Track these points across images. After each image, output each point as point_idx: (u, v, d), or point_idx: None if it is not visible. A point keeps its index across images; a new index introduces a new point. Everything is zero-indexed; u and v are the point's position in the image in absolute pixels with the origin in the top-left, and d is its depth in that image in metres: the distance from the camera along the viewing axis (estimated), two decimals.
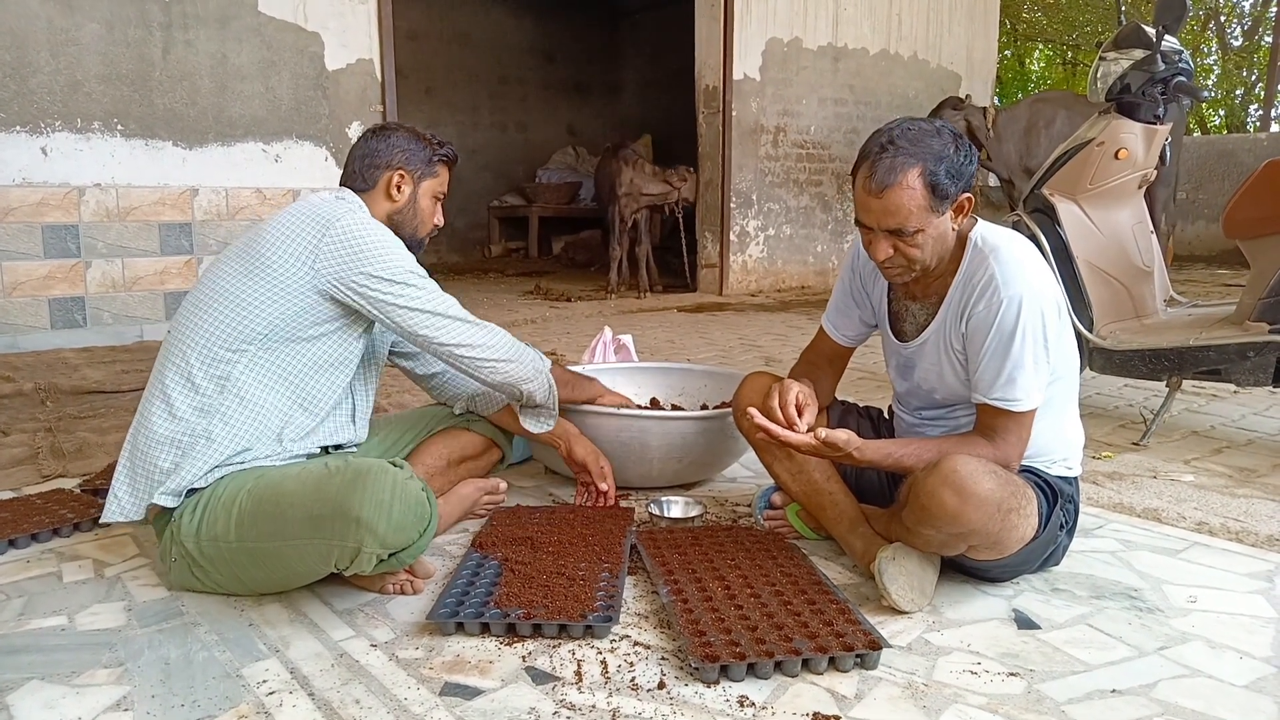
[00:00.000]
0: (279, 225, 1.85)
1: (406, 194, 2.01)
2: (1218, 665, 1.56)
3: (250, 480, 1.75)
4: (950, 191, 1.71)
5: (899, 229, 1.72)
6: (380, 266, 1.85)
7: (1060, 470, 1.90)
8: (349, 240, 1.83)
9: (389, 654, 1.60)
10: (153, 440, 1.79)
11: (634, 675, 1.52)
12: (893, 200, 1.70)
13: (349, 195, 1.97)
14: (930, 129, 1.73)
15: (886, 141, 1.72)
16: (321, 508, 1.61)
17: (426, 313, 1.90)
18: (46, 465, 2.70)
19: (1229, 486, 2.52)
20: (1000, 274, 1.74)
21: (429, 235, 2.10)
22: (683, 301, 7.21)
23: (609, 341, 3.19)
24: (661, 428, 2.37)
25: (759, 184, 7.69)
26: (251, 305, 1.81)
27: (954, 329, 1.83)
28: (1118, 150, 2.99)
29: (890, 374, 2.10)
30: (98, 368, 4.11)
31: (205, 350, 1.81)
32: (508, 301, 7.20)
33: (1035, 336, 1.72)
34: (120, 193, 4.81)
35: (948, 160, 1.70)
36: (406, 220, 2.03)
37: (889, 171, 1.70)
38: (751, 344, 5.14)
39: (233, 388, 1.80)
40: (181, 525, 1.75)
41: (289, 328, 1.84)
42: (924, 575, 1.78)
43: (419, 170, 2.02)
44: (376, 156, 2.00)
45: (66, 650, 1.62)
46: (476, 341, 1.94)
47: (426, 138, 2.04)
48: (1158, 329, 3.07)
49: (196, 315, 1.85)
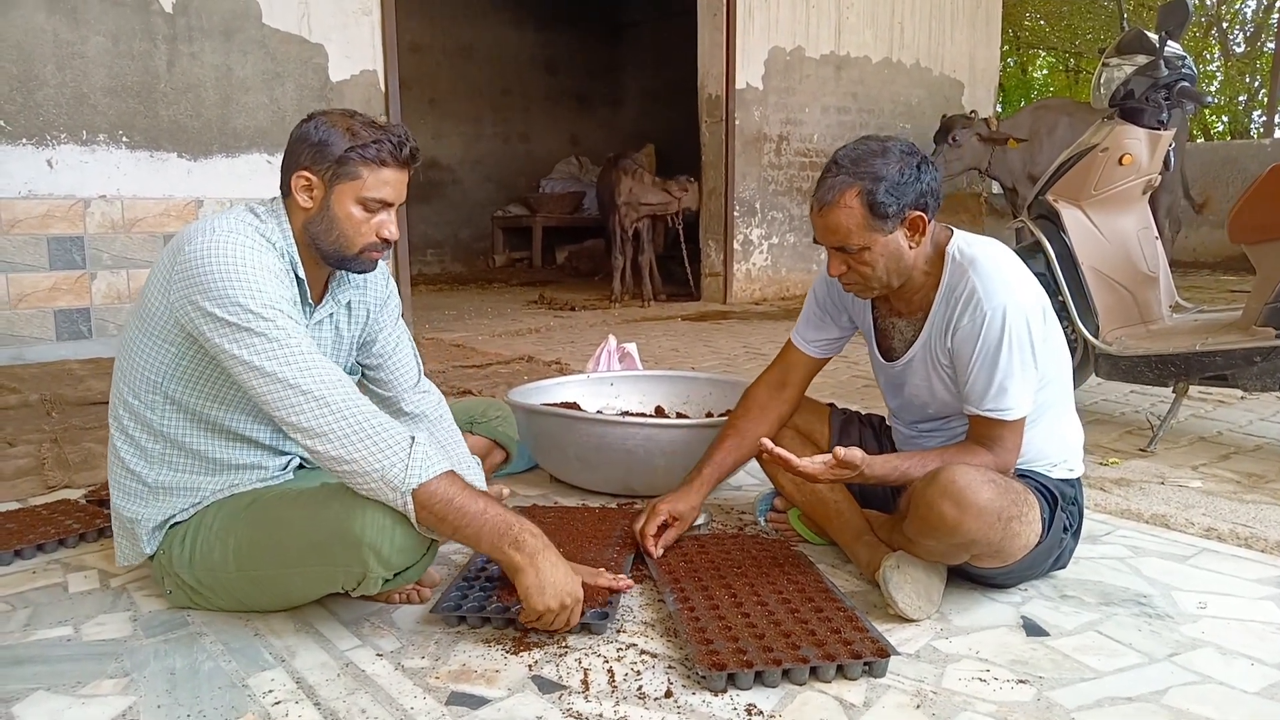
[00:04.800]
0: (160, 255, 1.66)
1: (318, 199, 1.65)
2: (1229, 672, 1.55)
3: (243, 507, 1.71)
4: (890, 210, 1.74)
5: (843, 246, 1.78)
6: (212, 299, 1.52)
7: (1062, 473, 1.89)
8: (190, 265, 1.55)
9: (395, 663, 1.59)
10: (118, 490, 1.76)
11: (641, 684, 1.51)
12: (831, 218, 1.76)
13: (241, 209, 1.69)
14: (877, 148, 1.76)
15: (832, 162, 1.79)
16: (323, 533, 1.58)
17: (257, 370, 1.52)
18: (52, 476, 2.70)
19: (1237, 492, 2.51)
20: (981, 286, 1.74)
21: (368, 252, 1.69)
22: (686, 310, 7.21)
23: (613, 350, 3.19)
24: (667, 435, 2.37)
25: (762, 192, 7.69)
26: (140, 353, 1.66)
27: (939, 343, 1.84)
28: (1122, 156, 2.99)
29: (882, 390, 2.10)
30: (103, 379, 4.11)
31: (125, 401, 1.71)
32: (511, 311, 7.21)
33: (1022, 345, 1.72)
34: (125, 204, 4.82)
35: (887, 180, 1.73)
36: (323, 232, 1.66)
37: (828, 191, 1.76)
38: (756, 352, 5.13)
39: (161, 435, 1.70)
40: (173, 557, 1.73)
41: (182, 371, 1.65)
42: (930, 583, 1.77)
43: (328, 170, 1.63)
44: (289, 154, 1.67)
45: (72, 660, 1.61)
46: (312, 426, 1.52)
47: (352, 129, 1.62)
48: (1164, 334, 3.06)
49: (118, 362, 1.74)
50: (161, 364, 1.66)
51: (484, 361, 4.70)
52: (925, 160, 1.78)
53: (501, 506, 1.61)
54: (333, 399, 1.53)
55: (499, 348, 5.28)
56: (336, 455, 1.53)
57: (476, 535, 1.56)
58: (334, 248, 1.67)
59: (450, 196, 10.98)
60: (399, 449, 1.54)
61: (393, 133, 1.65)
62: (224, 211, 1.67)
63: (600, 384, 2.96)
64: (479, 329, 6.16)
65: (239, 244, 1.57)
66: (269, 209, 1.70)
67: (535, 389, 2.82)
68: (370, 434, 1.53)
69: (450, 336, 5.75)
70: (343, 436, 1.52)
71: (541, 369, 4.50)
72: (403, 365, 1.97)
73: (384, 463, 1.52)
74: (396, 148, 1.65)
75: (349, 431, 1.52)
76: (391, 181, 1.66)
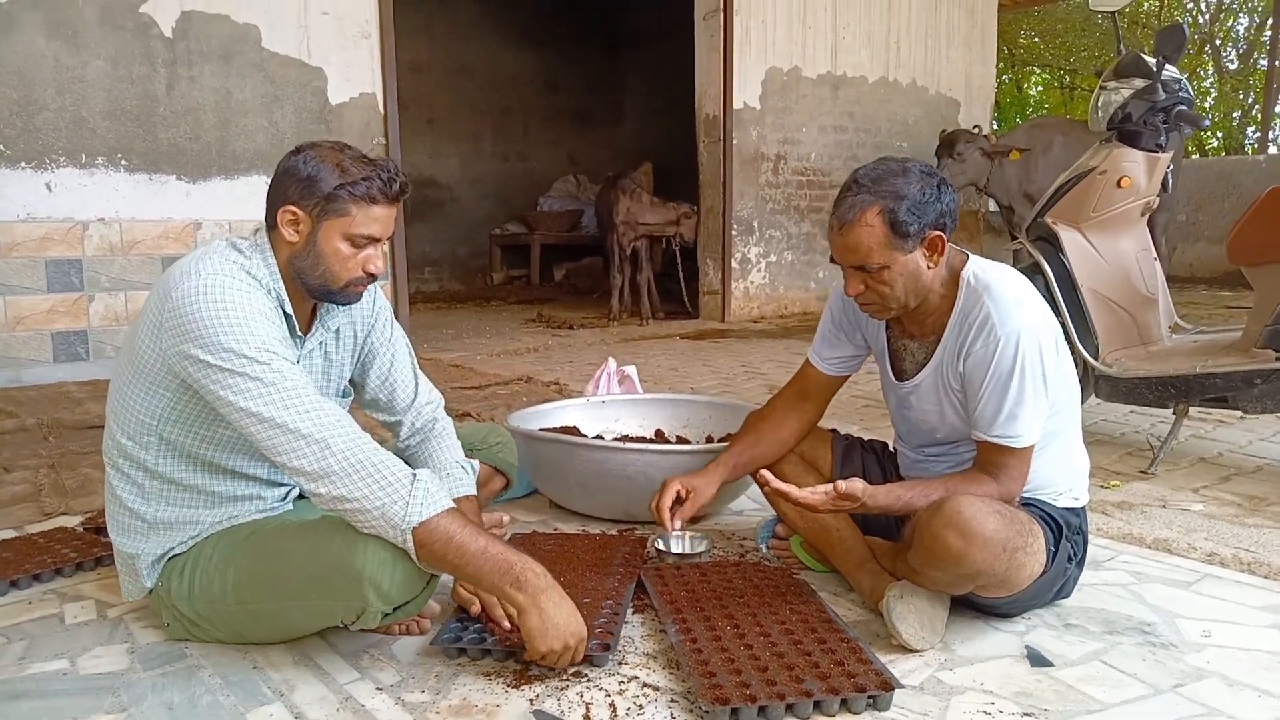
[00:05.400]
0: (149, 298, 1.64)
1: (305, 234, 1.63)
2: (1235, 704, 1.54)
3: (242, 539, 1.70)
4: (911, 230, 1.74)
5: (862, 265, 1.77)
6: (203, 346, 1.51)
7: (1067, 501, 1.89)
8: (179, 312, 1.53)
9: (395, 697, 1.58)
10: (117, 529, 1.75)
11: (643, 719, 1.50)
12: (852, 237, 1.76)
13: (223, 245, 1.66)
14: (897, 168, 1.77)
15: (852, 181, 1.79)
16: (324, 567, 1.57)
17: (254, 415, 1.51)
18: (49, 503, 2.68)
19: (1239, 515, 2.50)
20: (996, 312, 1.74)
21: (353, 286, 1.68)
22: (685, 329, 7.21)
23: (613, 373, 3.19)
24: (668, 462, 2.36)
25: (760, 211, 7.71)
26: (133, 398, 1.65)
27: (951, 368, 1.84)
28: (1120, 179, 3.00)
29: (891, 412, 2.09)
30: (100, 401, 4.09)
31: (119, 444, 1.70)
32: (510, 329, 7.20)
33: (1034, 373, 1.72)
34: (124, 227, 4.82)
35: (909, 199, 1.73)
36: (309, 267, 1.64)
37: (849, 209, 1.76)
38: (755, 371, 5.13)
39: (158, 474, 1.69)
40: (171, 590, 1.73)
41: (177, 415, 1.64)
42: (934, 612, 1.76)
43: (315, 206, 1.61)
44: (276, 187, 1.65)
45: (69, 695, 1.60)
46: (314, 469, 1.51)
47: (342, 165, 1.60)
48: (1164, 356, 3.05)
49: (110, 404, 1.72)
50: (156, 409, 1.65)
51: (482, 383, 4.69)
52: (944, 181, 1.79)
53: (503, 545, 1.59)
54: (333, 440, 1.52)
55: (497, 368, 5.27)
56: (338, 495, 1.52)
57: (477, 574, 1.55)
58: (319, 282, 1.66)
59: (449, 214, 11.00)
60: (400, 487, 1.53)
61: (383, 169, 1.63)
62: (206, 250, 1.64)
63: (600, 408, 2.96)
64: (477, 348, 6.16)
65: (226, 286, 1.56)
66: (253, 244, 1.68)
67: (535, 413, 2.81)
68: (371, 472, 1.52)
69: (449, 356, 5.74)
70: (343, 476, 1.51)
71: (540, 390, 4.49)
72: (401, 386, 1.96)
73: (384, 500, 1.52)
74: (386, 184, 1.63)
75: (349, 471, 1.52)
76: (380, 218, 1.64)
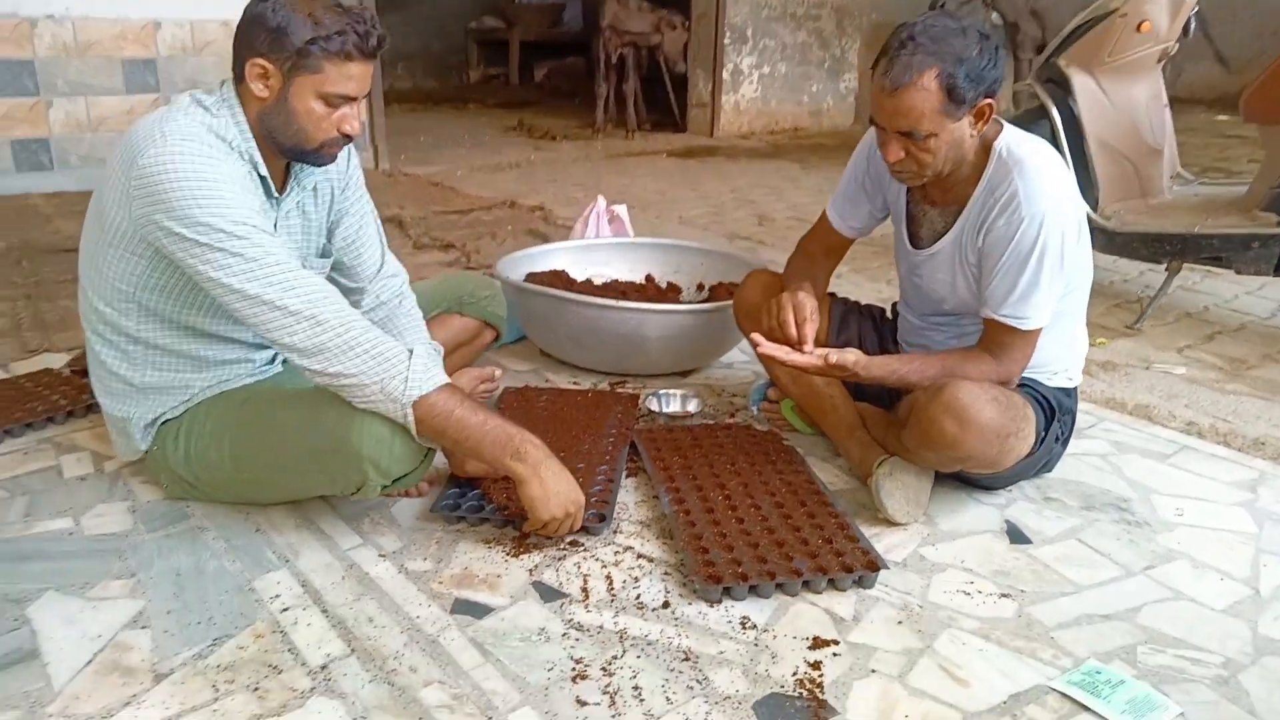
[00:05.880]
0: (112, 158, 1.53)
1: (275, 90, 1.51)
2: (1199, 587, 1.62)
3: (235, 406, 1.70)
4: (968, 96, 1.62)
5: (911, 131, 1.64)
6: (177, 219, 1.44)
7: (1061, 381, 1.90)
8: (148, 180, 1.45)
9: (398, 565, 1.63)
10: (104, 391, 1.73)
11: (639, 592, 1.56)
12: (905, 101, 1.61)
13: (188, 102, 1.54)
14: (956, 27, 1.62)
15: (907, 37, 1.61)
16: (321, 440, 1.57)
17: (238, 293, 1.46)
18: (30, 338, 2.65)
19: (1219, 380, 2.55)
20: (1024, 189, 1.67)
21: (328, 147, 1.58)
22: (672, 144, 6.99)
23: (602, 212, 3.10)
24: (660, 319, 2.34)
25: (755, 18, 7.29)
26: (107, 264, 1.58)
27: (970, 241, 1.79)
28: (1140, 22, 2.84)
29: (900, 275, 2.06)
30: (70, 219, 3.96)
31: (97, 310, 1.64)
32: (491, 139, 6.95)
33: (1053, 257, 1.68)
34: (76, 25, 4.48)
35: (969, 63, 1.60)
36: (280, 125, 1.54)
37: (904, 70, 1.60)
38: (744, 198, 5.03)
39: (141, 340, 1.66)
40: (167, 454, 1.73)
41: (154, 283, 1.59)
42: (919, 487, 1.81)
43: (286, 60, 1.48)
44: (242, 36, 1.51)
45: (76, 558, 1.63)
46: (307, 346, 1.48)
47: (315, 15, 1.46)
48: (1163, 211, 3.01)
49: (82, 267, 1.65)
50: (132, 276, 1.59)
51: (466, 206, 4.57)
52: (999, 44, 1.66)
53: (501, 418, 1.60)
54: (324, 315, 1.49)
55: (479, 187, 5.13)
56: (335, 371, 1.50)
57: (478, 447, 1.57)
58: (292, 141, 1.56)
59: (423, 4, 10.32)
60: (398, 362, 1.52)
61: (358, 20, 1.49)
62: (170, 109, 1.53)
63: (589, 250, 2.90)
64: (456, 161, 5.96)
65: (196, 154, 1.46)
66: (220, 98, 1.56)
67: (524, 257, 2.75)
68: (367, 348, 1.51)
69: (428, 171, 5.56)
70: (340, 352, 1.49)
71: (525, 216, 4.39)
72: (367, 252, 1.88)
73: (382, 376, 1.50)
74: (363, 39, 1.49)
75: (345, 347, 1.49)
76: (356, 75, 1.52)
